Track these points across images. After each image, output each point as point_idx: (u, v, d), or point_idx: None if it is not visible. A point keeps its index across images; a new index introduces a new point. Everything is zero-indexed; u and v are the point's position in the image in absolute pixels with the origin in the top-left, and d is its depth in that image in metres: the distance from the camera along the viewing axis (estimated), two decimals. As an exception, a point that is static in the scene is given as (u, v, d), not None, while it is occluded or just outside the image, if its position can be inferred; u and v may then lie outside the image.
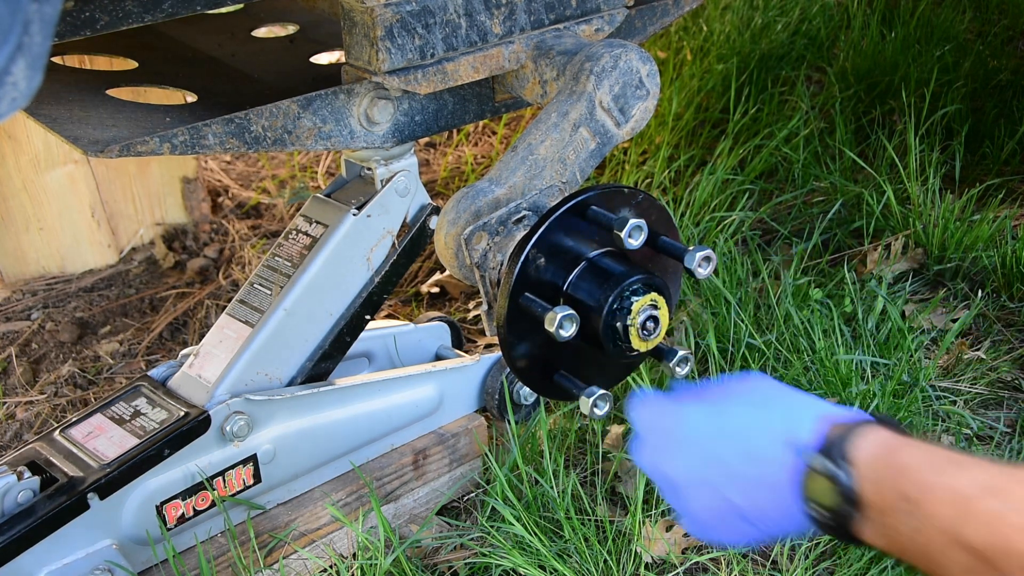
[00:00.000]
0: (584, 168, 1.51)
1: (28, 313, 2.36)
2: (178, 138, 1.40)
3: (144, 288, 2.43)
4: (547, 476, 1.71)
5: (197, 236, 2.60)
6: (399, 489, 1.74)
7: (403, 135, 1.63)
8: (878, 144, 2.67)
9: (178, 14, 1.38)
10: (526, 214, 1.45)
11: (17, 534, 1.40)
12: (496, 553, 1.62)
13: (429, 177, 2.81)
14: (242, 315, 1.63)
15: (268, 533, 1.62)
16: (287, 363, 1.64)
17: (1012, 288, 2.26)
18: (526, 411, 1.86)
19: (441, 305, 2.32)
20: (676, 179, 2.63)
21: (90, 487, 1.45)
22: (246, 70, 1.76)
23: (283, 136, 1.50)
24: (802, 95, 2.82)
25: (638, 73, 1.52)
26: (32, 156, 2.33)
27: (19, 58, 0.74)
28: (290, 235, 1.67)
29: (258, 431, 1.59)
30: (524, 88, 1.64)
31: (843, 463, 0.92)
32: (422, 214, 1.71)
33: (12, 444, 2.00)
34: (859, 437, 0.93)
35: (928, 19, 3.18)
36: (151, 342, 2.26)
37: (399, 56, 1.49)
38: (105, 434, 1.54)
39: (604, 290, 1.33)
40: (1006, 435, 1.92)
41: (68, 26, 1.28)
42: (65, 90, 1.61)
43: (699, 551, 1.68)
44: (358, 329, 1.70)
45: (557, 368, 1.42)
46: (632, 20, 1.84)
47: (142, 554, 1.53)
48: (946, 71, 2.88)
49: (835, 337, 2.01)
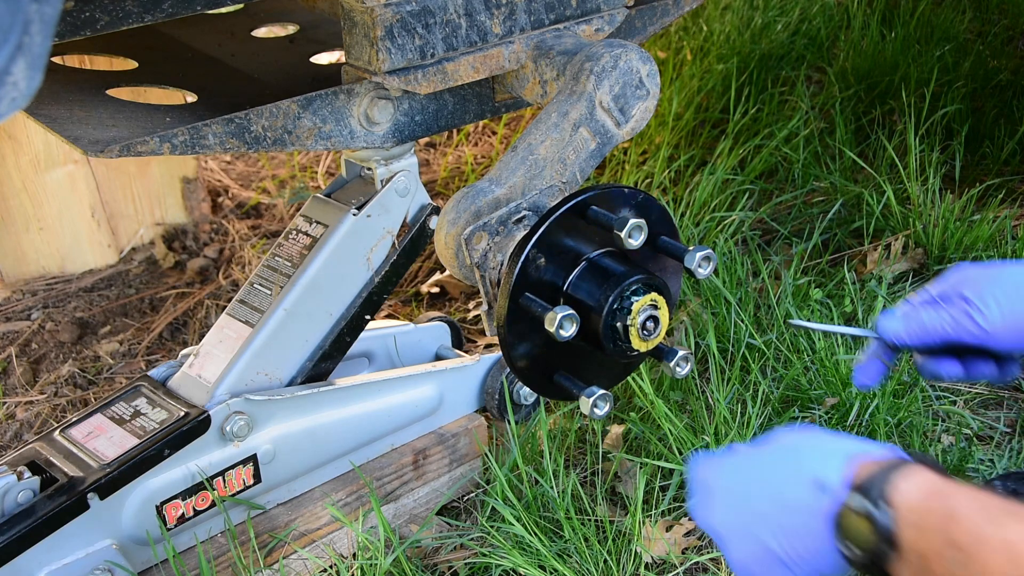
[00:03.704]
0: (584, 168, 1.51)
1: (28, 313, 2.36)
2: (178, 138, 1.40)
3: (144, 288, 2.43)
4: (547, 476, 1.71)
5: (197, 236, 2.60)
6: (399, 489, 1.74)
7: (403, 135, 1.63)
8: (878, 144, 2.67)
9: (178, 14, 1.38)
10: (526, 214, 1.45)
11: (17, 534, 1.40)
12: (496, 553, 1.62)
13: (429, 177, 2.81)
14: (242, 315, 1.63)
15: (268, 533, 1.62)
16: (287, 363, 1.64)
17: (1012, 288, 2.25)
18: (526, 411, 1.86)
19: (441, 305, 2.32)
20: (676, 179, 2.63)
21: (90, 487, 1.45)
22: (246, 70, 1.76)
23: (283, 136, 1.50)
24: (802, 95, 2.82)
25: (638, 73, 1.52)
26: (32, 156, 2.33)
27: (19, 58, 0.74)
28: (290, 235, 1.67)
29: (258, 431, 1.59)
30: (524, 88, 1.64)
31: (882, 503, 0.92)
32: (422, 214, 1.71)
33: (12, 444, 2.00)
34: (900, 478, 0.93)
35: (928, 19, 3.18)
36: (151, 342, 2.26)
37: (399, 56, 1.49)
38: (105, 434, 1.54)
39: (604, 290, 1.33)
40: (1006, 435, 1.92)
41: (68, 26, 1.28)
42: (65, 90, 1.61)
43: (699, 551, 1.68)
44: (358, 329, 1.70)
45: (557, 368, 1.42)
46: (632, 20, 1.84)
47: (142, 554, 1.53)
48: (946, 71, 2.88)
49: (835, 337, 2.01)
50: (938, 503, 0.90)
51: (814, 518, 0.97)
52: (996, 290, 1.22)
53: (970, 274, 1.26)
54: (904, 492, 0.92)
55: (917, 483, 0.92)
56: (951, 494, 0.90)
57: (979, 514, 0.87)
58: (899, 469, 0.94)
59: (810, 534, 0.98)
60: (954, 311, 1.24)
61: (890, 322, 1.29)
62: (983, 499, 0.89)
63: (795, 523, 0.99)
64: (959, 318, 1.23)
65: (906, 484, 0.92)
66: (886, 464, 0.95)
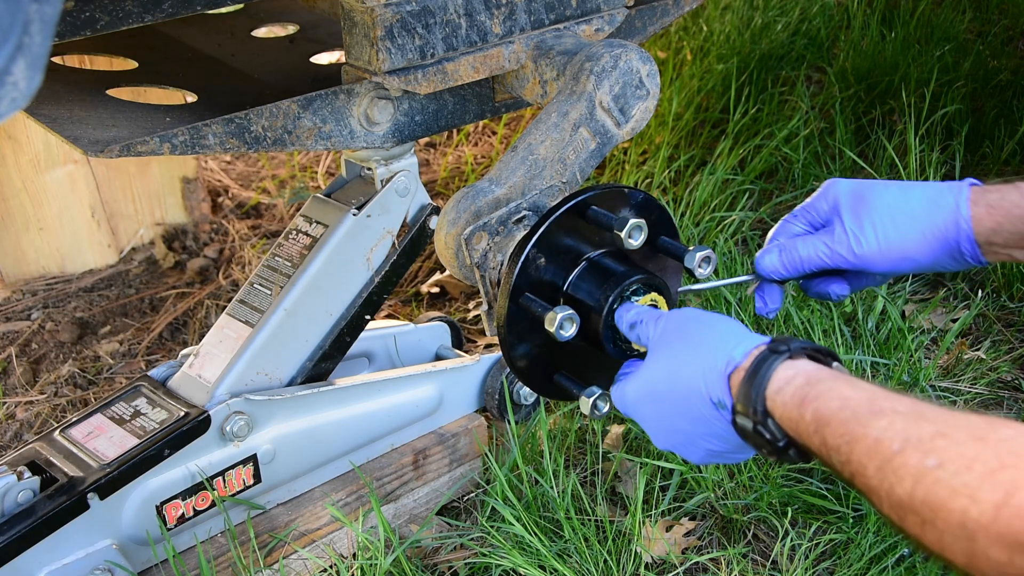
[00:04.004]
0: (584, 168, 1.51)
1: (28, 313, 2.36)
2: (178, 138, 1.40)
3: (144, 288, 2.43)
4: (547, 476, 1.71)
5: (197, 236, 2.60)
6: (399, 489, 1.74)
7: (403, 135, 1.63)
8: (878, 144, 2.67)
9: (178, 14, 1.38)
10: (526, 214, 1.45)
11: (17, 534, 1.40)
12: (496, 553, 1.62)
13: (429, 177, 2.81)
14: (242, 315, 1.63)
15: (268, 533, 1.62)
16: (287, 363, 1.64)
17: (1012, 288, 2.26)
18: (526, 411, 1.86)
19: (441, 305, 2.32)
20: (676, 179, 2.63)
21: (90, 487, 1.45)
22: (246, 70, 1.76)
23: (283, 136, 1.50)
24: (802, 95, 2.82)
25: (638, 73, 1.52)
26: (32, 156, 2.33)
27: (19, 58, 0.74)
28: (290, 235, 1.67)
29: (258, 431, 1.59)
30: (524, 88, 1.64)
31: (767, 419, 1.04)
32: (422, 214, 1.71)
33: (12, 444, 2.00)
34: (772, 391, 1.03)
35: (928, 19, 3.18)
36: (151, 342, 2.26)
37: (399, 56, 1.49)
38: (105, 434, 1.54)
39: (604, 290, 1.33)
40: (1006, 435, 1.92)
41: (68, 26, 1.28)
42: (65, 90, 1.61)
43: (699, 551, 1.68)
44: (358, 329, 1.70)
45: (557, 368, 1.42)
46: (632, 20, 1.84)
47: (142, 554, 1.53)
48: (946, 71, 2.88)
49: (835, 337, 2.01)
50: (810, 412, 0.99)
51: (724, 426, 1.10)
52: (873, 216, 1.27)
53: (845, 196, 1.29)
54: (780, 405, 1.03)
55: (791, 391, 1.02)
56: (820, 395, 0.99)
57: (845, 412, 0.95)
58: (768, 377, 1.04)
59: (722, 436, 1.12)
60: (830, 240, 1.29)
61: (768, 259, 1.34)
62: (851, 396, 0.97)
63: (708, 431, 1.13)
64: (836, 247, 1.29)
65: (780, 397, 1.03)
66: (756, 372, 1.05)
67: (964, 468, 0.83)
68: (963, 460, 0.83)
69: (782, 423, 1.03)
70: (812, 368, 1.04)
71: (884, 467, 0.89)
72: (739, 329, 1.13)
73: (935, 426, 0.88)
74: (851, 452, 0.93)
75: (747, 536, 1.72)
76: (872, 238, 1.26)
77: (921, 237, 1.24)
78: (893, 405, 0.93)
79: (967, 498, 0.81)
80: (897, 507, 0.88)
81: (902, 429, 0.89)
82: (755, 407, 1.04)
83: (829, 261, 1.29)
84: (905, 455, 0.87)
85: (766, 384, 1.04)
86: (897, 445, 0.88)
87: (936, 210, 1.23)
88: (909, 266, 1.26)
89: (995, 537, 0.79)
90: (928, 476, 0.85)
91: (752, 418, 1.05)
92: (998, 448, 0.83)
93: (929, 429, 0.88)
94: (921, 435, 0.88)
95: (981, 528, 0.80)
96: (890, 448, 0.89)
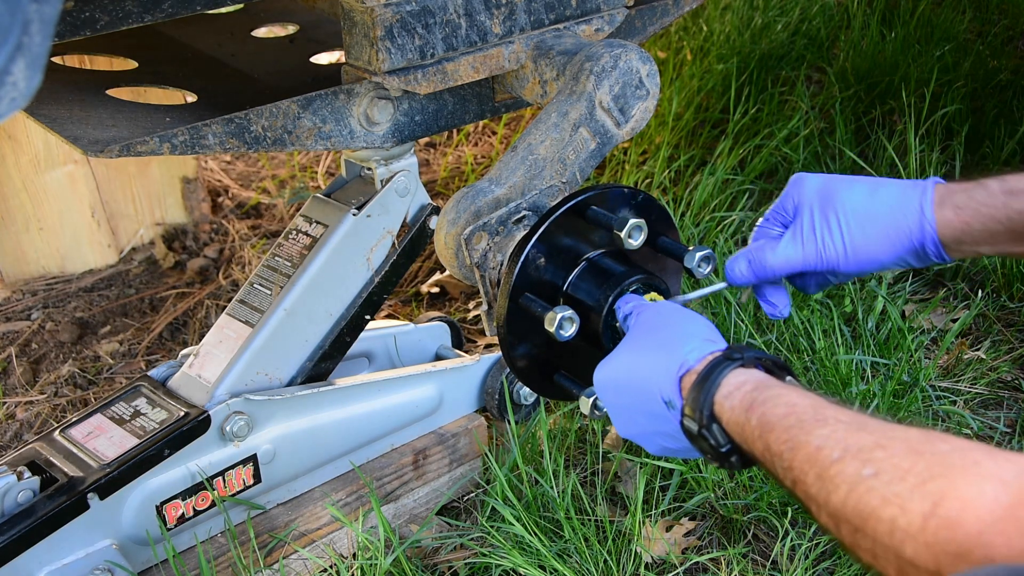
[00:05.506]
0: (584, 168, 1.51)
1: (28, 313, 2.36)
2: (178, 138, 1.40)
3: (144, 288, 2.43)
4: (547, 476, 1.71)
5: (197, 236, 2.60)
6: (399, 489, 1.74)
7: (403, 135, 1.63)
8: (878, 144, 2.67)
9: (178, 14, 1.38)
10: (526, 214, 1.45)
11: (17, 534, 1.40)
12: (496, 553, 1.62)
13: (429, 177, 2.81)
14: (242, 315, 1.63)
15: (268, 533, 1.62)
16: (287, 363, 1.64)
17: (1012, 288, 2.26)
18: (526, 411, 1.86)
19: (441, 305, 2.32)
20: (676, 179, 2.63)
21: (90, 487, 1.45)
22: (246, 70, 1.76)
23: (283, 136, 1.50)
24: (802, 95, 2.82)
25: (638, 73, 1.52)
26: (32, 156, 2.33)
27: (19, 58, 0.74)
28: (290, 235, 1.67)
29: (258, 431, 1.59)
30: (524, 88, 1.64)
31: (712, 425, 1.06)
32: (422, 214, 1.71)
33: (12, 444, 2.00)
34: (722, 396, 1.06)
35: (928, 19, 3.18)
36: (151, 342, 2.26)
37: (399, 56, 1.49)
38: (105, 434, 1.54)
39: (604, 290, 1.33)
40: (1006, 435, 1.92)
41: (68, 26, 1.28)
42: (65, 90, 1.61)
43: (699, 551, 1.68)
44: (358, 329, 1.70)
45: (557, 368, 1.42)
46: (632, 20, 1.84)
47: (142, 554, 1.53)
48: (946, 71, 2.88)
49: (835, 337, 2.01)
50: (756, 417, 1.01)
51: (674, 426, 1.13)
52: (840, 221, 1.29)
53: (811, 194, 1.31)
54: (728, 410, 1.05)
55: (739, 396, 1.04)
56: (767, 400, 1.01)
57: (790, 419, 0.97)
58: (718, 383, 1.06)
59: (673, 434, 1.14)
60: (798, 246, 1.32)
61: (737, 268, 1.37)
62: (797, 403, 0.99)
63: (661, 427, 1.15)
64: (805, 254, 1.32)
65: (729, 402, 1.05)
66: (707, 377, 1.07)
67: (897, 478, 0.83)
68: (897, 471, 0.84)
69: (728, 428, 1.05)
70: (763, 376, 1.06)
71: (823, 475, 0.90)
72: (703, 332, 1.15)
73: (874, 437, 0.89)
74: (793, 459, 0.94)
75: (747, 536, 1.72)
76: (840, 243, 1.29)
77: (887, 240, 1.26)
78: (836, 415, 0.94)
79: (897, 507, 0.82)
80: (833, 515, 0.89)
81: (843, 438, 0.90)
82: (702, 411, 1.07)
83: (798, 266, 1.32)
84: (843, 463, 0.88)
85: (715, 389, 1.06)
86: (836, 454, 0.89)
87: (901, 214, 1.25)
88: (874, 267, 1.29)
89: (922, 546, 0.80)
90: (862, 485, 0.85)
91: (698, 421, 1.07)
92: (931, 461, 0.83)
93: (869, 440, 0.89)
94: (861, 445, 0.88)
95: (909, 537, 0.81)
96: (829, 456, 0.90)
